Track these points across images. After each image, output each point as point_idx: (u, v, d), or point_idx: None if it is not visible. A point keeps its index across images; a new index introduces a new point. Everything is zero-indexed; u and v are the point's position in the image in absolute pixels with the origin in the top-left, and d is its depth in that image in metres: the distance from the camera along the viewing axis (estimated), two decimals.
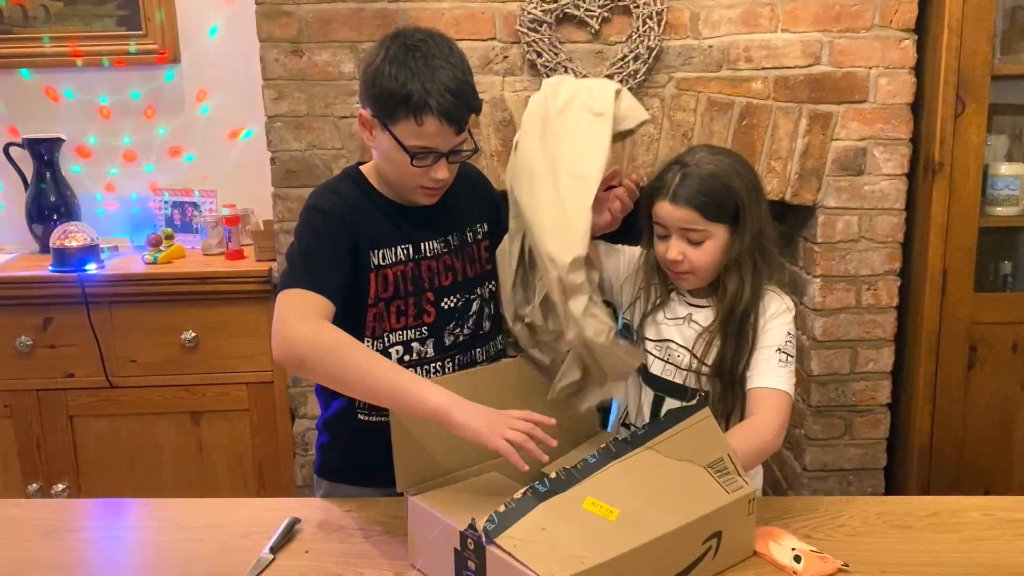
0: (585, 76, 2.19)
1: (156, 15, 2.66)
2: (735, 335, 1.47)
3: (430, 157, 1.36)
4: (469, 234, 1.54)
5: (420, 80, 1.30)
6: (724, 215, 1.45)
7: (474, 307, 1.53)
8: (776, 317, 1.49)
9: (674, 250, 1.46)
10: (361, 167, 1.51)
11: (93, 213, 2.82)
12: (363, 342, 1.43)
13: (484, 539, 1.09)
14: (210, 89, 2.78)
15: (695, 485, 1.22)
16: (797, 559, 1.23)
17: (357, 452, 1.51)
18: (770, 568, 1.25)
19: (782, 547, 1.27)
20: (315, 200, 1.44)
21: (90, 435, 2.54)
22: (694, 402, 1.30)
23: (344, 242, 1.40)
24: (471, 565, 1.13)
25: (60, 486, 2.53)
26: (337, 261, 1.39)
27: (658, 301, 1.57)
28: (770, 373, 1.45)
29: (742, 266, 1.46)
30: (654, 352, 1.55)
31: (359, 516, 1.44)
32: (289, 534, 1.38)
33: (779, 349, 1.46)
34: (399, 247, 1.45)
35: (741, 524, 1.25)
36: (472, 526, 1.11)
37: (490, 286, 1.56)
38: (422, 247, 1.47)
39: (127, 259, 2.62)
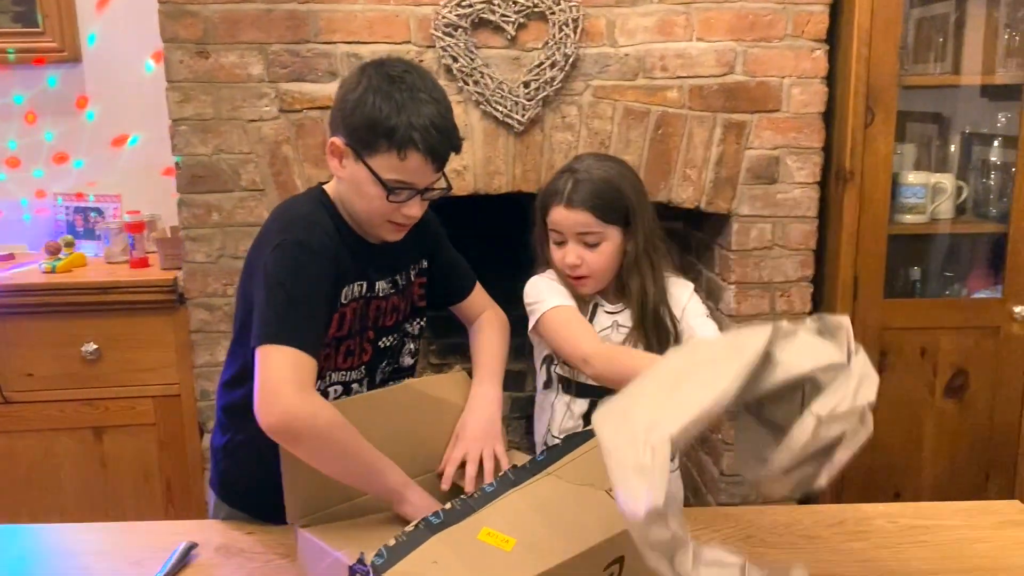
0: (502, 83, 2.16)
1: (37, 16, 2.55)
2: (654, 329, 1.54)
3: (405, 193, 1.31)
4: (412, 272, 1.50)
5: (406, 114, 1.26)
6: (616, 217, 1.52)
7: (401, 344, 1.50)
8: (688, 300, 1.59)
9: (571, 254, 1.52)
10: (327, 189, 1.41)
11: None
12: None
13: (372, 574, 1.04)
14: (96, 94, 2.69)
15: (596, 510, 1.18)
16: None
17: (270, 485, 1.44)
18: None
19: None
20: (299, 234, 1.31)
21: None
22: (591, 427, 1.27)
23: (329, 288, 1.32)
24: None
25: None
26: (323, 313, 1.31)
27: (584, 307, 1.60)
28: (704, 328, 1.56)
29: (640, 266, 1.54)
30: None
31: (260, 540, 1.38)
32: (184, 560, 1.31)
33: (705, 316, 1.58)
34: (355, 284, 1.38)
35: None
36: (361, 560, 1.06)
37: (419, 322, 1.53)
38: (376, 286, 1.41)
39: (23, 268, 2.49)
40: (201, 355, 2.27)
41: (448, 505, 1.15)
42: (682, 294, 1.59)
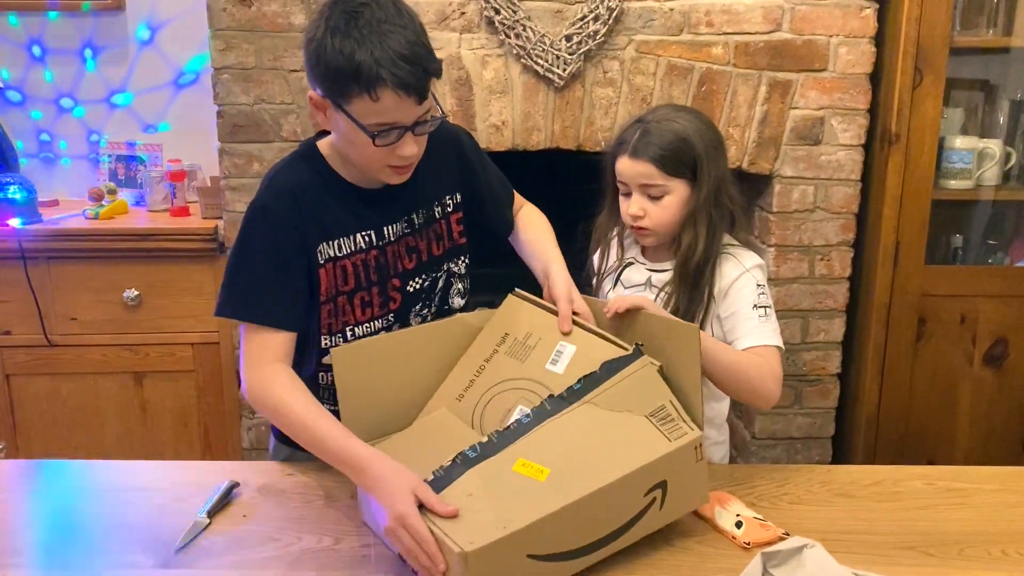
0: (544, 36, 2.14)
1: None
2: (688, 288, 1.49)
3: (393, 134, 1.23)
4: (437, 209, 1.44)
5: (368, 50, 1.17)
6: (682, 170, 1.47)
7: (440, 283, 1.46)
8: (737, 282, 1.49)
9: (635, 205, 1.49)
10: (319, 143, 1.39)
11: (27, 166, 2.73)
12: (321, 339, 1.38)
13: None
14: (151, 38, 2.70)
15: (634, 436, 1.17)
16: (739, 525, 1.23)
17: None
18: (713, 533, 1.25)
19: (727, 512, 1.27)
20: (261, 198, 1.32)
21: (28, 394, 2.47)
22: (630, 351, 1.25)
23: (294, 250, 1.31)
24: None
25: None
26: (290, 278, 1.31)
27: (616, 263, 1.60)
28: (754, 332, 1.45)
29: (697, 220, 1.48)
30: None
31: (300, 481, 1.40)
32: (227, 498, 1.34)
33: (755, 306, 1.47)
34: (359, 235, 1.36)
35: (689, 471, 1.18)
36: None
37: (464, 260, 1.49)
38: (385, 231, 1.38)
39: (66, 214, 2.53)
40: None
41: (485, 438, 1.16)
42: (733, 270, 1.49)
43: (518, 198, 1.61)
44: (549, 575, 1.10)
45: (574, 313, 1.34)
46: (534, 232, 1.55)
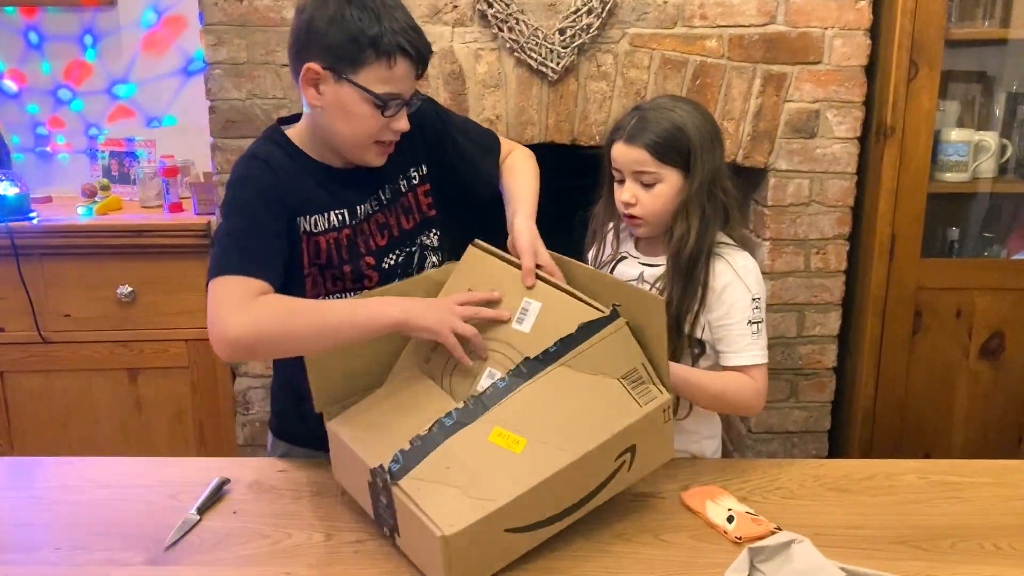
0: (537, 30, 2.13)
1: None
2: (682, 280, 1.48)
3: (394, 105, 1.29)
4: (402, 183, 1.45)
5: (386, 21, 1.24)
6: (676, 158, 1.46)
7: (416, 258, 1.46)
8: (731, 289, 1.47)
9: (627, 192, 1.49)
10: (284, 129, 1.39)
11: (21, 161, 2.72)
12: None
13: (389, 480, 1.09)
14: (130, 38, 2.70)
15: (607, 401, 1.17)
16: (730, 519, 1.23)
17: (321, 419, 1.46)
18: (704, 528, 1.25)
19: (719, 507, 1.26)
20: (240, 171, 1.32)
21: (22, 392, 2.46)
22: (606, 313, 1.23)
23: (277, 210, 1.30)
24: (383, 499, 1.13)
25: None
26: (272, 235, 1.28)
27: (611, 256, 1.60)
28: (745, 351, 1.46)
29: (689, 212, 1.47)
30: None
31: (290, 477, 1.40)
32: (217, 494, 1.34)
33: (750, 321, 1.47)
34: (332, 212, 1.36)
35: (656, 433, 1.20)
36: (381, 466, 1.10)
37: (435, 233, 1.49)
38: (358, 210, 1.39)
39: (60, 210, 2.52)
40: None
41: (461, 404, 1.16)
42: (725, 273, 1.48)
43: (506, 144, 1.60)
44: (523, 544, 1.12)
45: (537, 267, 1.32)
46: (512, 177, 1.54)
